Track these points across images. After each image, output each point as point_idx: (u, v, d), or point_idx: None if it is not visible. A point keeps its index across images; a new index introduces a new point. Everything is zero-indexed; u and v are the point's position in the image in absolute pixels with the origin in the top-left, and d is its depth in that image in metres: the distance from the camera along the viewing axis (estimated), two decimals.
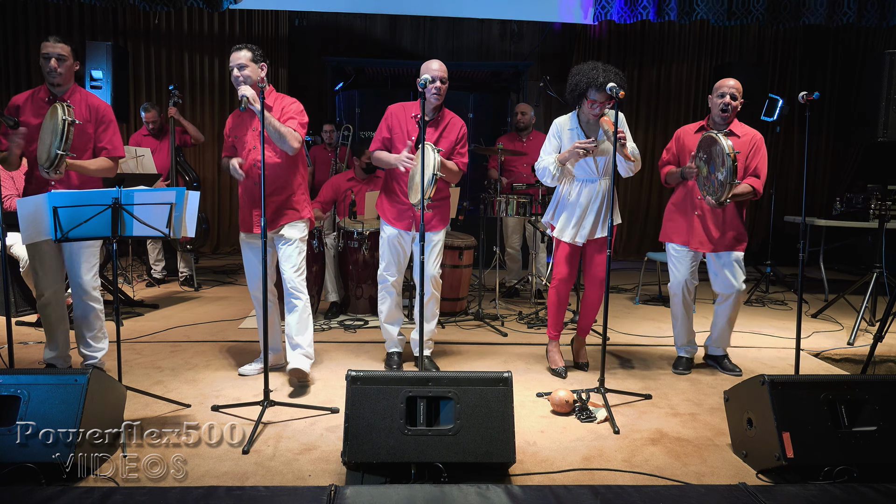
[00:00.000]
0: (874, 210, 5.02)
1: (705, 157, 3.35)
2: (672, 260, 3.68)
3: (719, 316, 3.67)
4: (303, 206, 3.36)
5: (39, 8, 7.20)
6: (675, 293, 3.67)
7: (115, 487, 2.21)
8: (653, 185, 8.15)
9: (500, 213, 4.87)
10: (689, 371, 3.71)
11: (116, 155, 3.31)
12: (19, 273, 4.36)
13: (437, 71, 3.34)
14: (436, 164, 3.21)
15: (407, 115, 3.48)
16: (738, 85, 3.46)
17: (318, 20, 8.13)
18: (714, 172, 3.29)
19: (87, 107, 3.21)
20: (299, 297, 3.31)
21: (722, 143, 3.20)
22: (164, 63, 7.67)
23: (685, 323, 3.70)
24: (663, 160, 3.75)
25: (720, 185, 3.24)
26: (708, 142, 3.32)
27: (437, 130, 3.46)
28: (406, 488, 2.13)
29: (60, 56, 3.11)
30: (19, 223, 2.71)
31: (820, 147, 8.25)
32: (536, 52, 8.24)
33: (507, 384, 2.42)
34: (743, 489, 2.18)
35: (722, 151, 3.19)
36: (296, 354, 3.31)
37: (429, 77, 3.02)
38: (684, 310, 3.67)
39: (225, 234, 8.05)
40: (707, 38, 8.04)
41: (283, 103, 3.28)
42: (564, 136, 3.48)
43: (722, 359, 3.75)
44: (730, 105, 3.43)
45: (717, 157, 3.24)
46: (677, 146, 3.67)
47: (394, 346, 3.71)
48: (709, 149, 3.32)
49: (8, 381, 2.36)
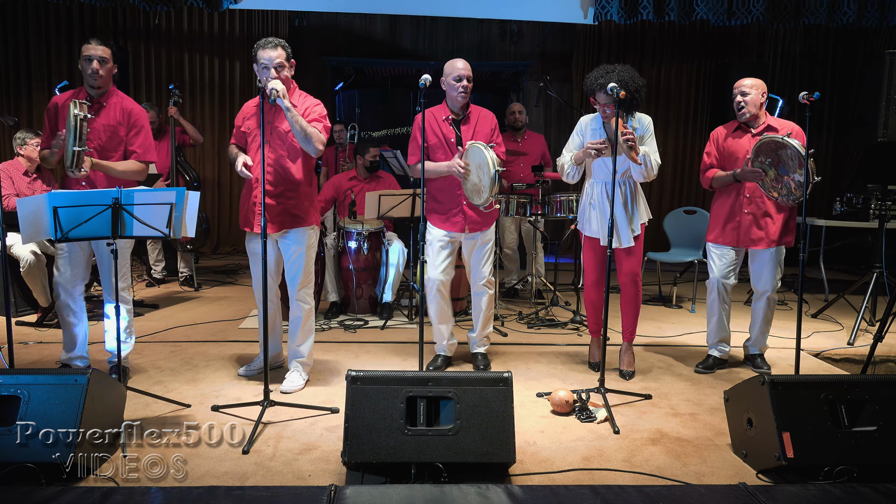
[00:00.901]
0: (874, 210, 5.02)
1: (770, 161, 3.35)
2: (712, 257, 3.70)
3: (756, 315, 3.73)
4: (310, 214, 3.28)
5: (39, 8, 7.20)
6: (711, 288, 3.70)
7: (115, 487, 2.21)
8: (652, 185, 8.14)
9: (501, 213, 4.86)
10: (711, 371, 3.70)
11: (146, 159, 3.32)
12: (19, 273, 4.36)
13: (462, 70, 3.35)
14: (494, 161, 3.20)
15: (438, 119, 3.46)
16: (754, 82, 3.47)
17: (317, 20, 8.13)
18: (789, 174, 3.29)
19: (121, 110, 3.22)
20: (302, 306, 3.30)
21: (793, 144, 3.20)
22: (164, 63, 7.66)
23: (720, 321, 3.70)
24: (705, 164, 3.72)
25: (798, 186, 3.25)
26: (773, 146, 3.31)
27: (471, 127, 3.46)
28: (406, 488, 2.13)
29: (102, 59, 3.15)
30: (19, 223, 2.71)
31: (820, 147, 8.24)
32: (536, 52, 8.24)
33: (507, 384, 2.42)
34: (743, 489, 2.18)
35: (797, 153, 3.19)
36: (290, 372, 3.34)
37: (429, 77, 3.00)
38: (719, 308, 3.68)
39: (225, 234, 8.05)
40: (707, 38, 8.04)
41: (307, 104, 3.21)
42: (587, 135, 3.50)
43: (756, 358, 3.79)
44: (741, 102, 3.46)
45: (791, 160, 3.25)
46: (718, 149, 3.66)
47: (441, 349, 3.69)
48: (775, 152, 3.31)
49: (8, 381, 2.36)
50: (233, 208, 8.04)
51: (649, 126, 3.43)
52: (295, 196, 3.21)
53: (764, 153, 3.37)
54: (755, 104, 3.47)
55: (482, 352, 3.73)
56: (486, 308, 3.65)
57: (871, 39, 7.64)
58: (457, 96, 3.36)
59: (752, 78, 3.51)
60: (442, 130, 3.44)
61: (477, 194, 3.32)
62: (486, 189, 3.24)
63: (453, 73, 3.32)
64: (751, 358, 3.84)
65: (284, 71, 3.09)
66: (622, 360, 3.69)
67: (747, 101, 3.46)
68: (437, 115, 3.48)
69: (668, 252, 5.65)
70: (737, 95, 3.49)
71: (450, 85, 3.37)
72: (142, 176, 3.32)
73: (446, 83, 3.38)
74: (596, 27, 7.13)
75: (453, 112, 3.45)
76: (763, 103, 3.51)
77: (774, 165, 3.35)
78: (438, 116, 3.47)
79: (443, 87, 3.21)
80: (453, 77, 3.34)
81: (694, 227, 5.54)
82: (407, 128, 7.37)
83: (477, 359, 3.71)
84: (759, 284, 3.68)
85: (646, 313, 5.18)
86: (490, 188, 3.21)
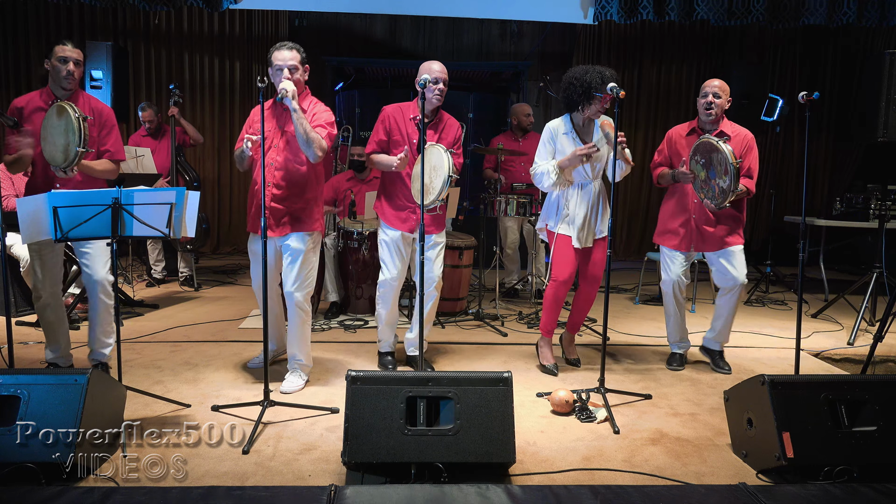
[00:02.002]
0: (874, 210, 5.03)
1: (703, 162, 3.36)
2: (664, 259, 3.74)
3: (720, 309, 3.70)
4: (313, 220, 3.28)
5: (39, 8, 7.20)
6: (666, 291, 3.74)
7: (115, 487, 2.21)
8: (652, 185, 8.11)
9: (500, 213, 4.87)
10: (682, 367, 3.75)
11: (118, 158, 3.33)
12: (19, 273, 4.36)
13: (438, 72, 3.33)
14: (451, 165, 3.19)
15: (405, 116, 3.45)
16: (722, 85, 3.49)
17: (317, 20, 8.13)
18: (714, 178, 3.30)
19: (90, 110, 3.21)
20: (300, 314, 3.28)
21: (724, 150, 3.21)
22: (163, 63, 7.66)
23: (678, 320, 3.76)
24: (655, 161, 3.79)
25: (721, 192, 3.26)
26: (707, 147, 3.33)
27: (437, 132, 3.45)
28: (406, 488, 2.13)
29: (77, 61, 3.15)
30: (19, 223, 2.71)
31: (820, 147, 8.24)
32: (536, 52, 8.24)
33: (507, 384, 2.42)
34: (743, 489, 2.18)
35: (725, 160, 3.20)
36: (290, 373, 3.35)
37: (429, 77, 3.01)
38: (676, 307, 3.73)
39: (225, 234, 8.04)
40: (707, 38, 8.04)
41: (316, 109, 3.22)
42: (560, 141, 3.49)
43: (716, 355, 3.77)
44: (713, 104, 3.47)
45: (719, 165, 3.25)
46: (669, 148, 3.71)
47: (388, 346, 3.70)
48: (708, 154, 3.33)
49: (8, 381, 2.36)
50: (233, 208, 8.04)
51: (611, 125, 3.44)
52: (300, 200, 3.22)
53: (700, 153, 3.40)
54: (722, 108, 3.49)
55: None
56: (430, 311, 3.58)
57: (871, 39, 7.65)
58: (431, 98, 3.32)
59: (720, 80, 3.52)
60: (407, 129, 3.43)
61: (425, 195, 3.25)
62: (434, 191, 3.21)
63: (430, 74, 3.19)
64: (710, 353, 3.80)
65: (297, 73, 3.10)
66: (569, 350, 3.83)
67: (717, 104, 3.46)
68: (405, 112, 3.46)
69: None
70: (708, 95, 3.49)
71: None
72: (114, 175, 3.31)
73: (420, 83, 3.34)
74: (596, 27, 7.14)
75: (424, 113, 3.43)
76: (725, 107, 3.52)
77: (706, 167, 3.36)
78: (406, 114, 3.45)
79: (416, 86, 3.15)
80: (430, 79, 3.29)
81: None
82: None
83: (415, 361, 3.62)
84: (717, 281, 3.68)
85: (645, 313, 5.19)
86: (439, 192, 3.18)
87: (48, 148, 3.04)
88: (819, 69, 8.13)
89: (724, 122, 3.58)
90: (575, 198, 3.50)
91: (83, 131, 2.95)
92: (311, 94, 3.31)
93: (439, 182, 3.20)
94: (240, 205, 8.03)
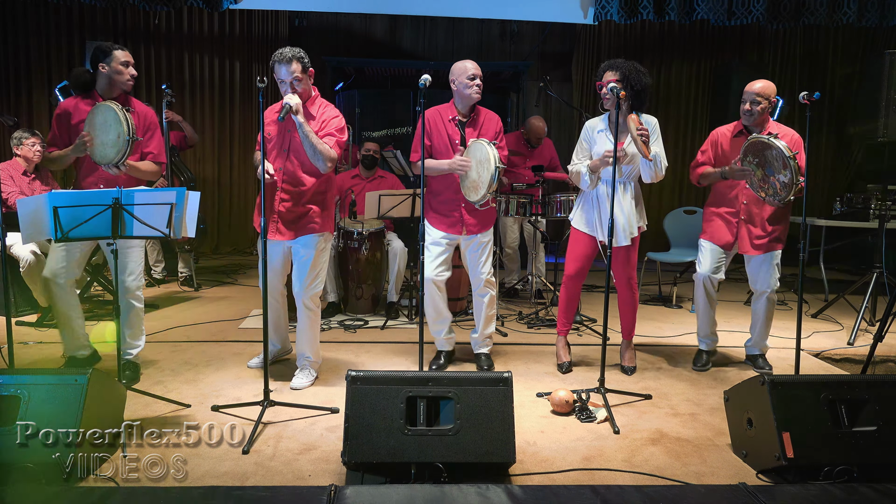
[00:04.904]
0: (874, 210, 5.03)
1: (757, 161, 3.35)
2: (702, 252, 3.74)
3: (755, 315, 3.76)
4: (323, 223, 3.29)
5: (39, 8, 7.20)
6: (698, 284, 3.75)
7: (115, 487, 2.22)
8: (653, 185, 8.10)
9: (501, 212, 4.86)
10: (707, 367, 3.76)
11: (161, 160, 3.35)
12: (19, 273, 4.35)
13: (474, 69, 3.35)
14: (496, 158, 3.19)
15: (444, 118, 3.44)
16: (763, 89, 3.44)
17: (317, 20, 8.13)
18: (774, 175, 3.29)
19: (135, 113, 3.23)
20: (308, 313, 3.31)
21: (778, 145, 3.21)
22: (163, 63, 7.66)
23: (707, 314, 3.77)
24: (697, 161, 3.75)
25: (784, 187, 3.25)
26: (759, 146, 3.32)
27: (476, 129, 3.46)
28: (406, 488, 2.13)
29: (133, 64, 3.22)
30: (19, 223, 2.71)
31: (820, 147, 8.24)
32: (536, 52, 8.24)
33: (507, 384, 2.42)
34: (743, 489, 2.18)
35: (781, 154, 3.20)
36: (299, 370, 3.37)
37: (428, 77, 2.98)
38: (707, 303, 3.74)
39: (225, 234, 8.03)
40: (707, 38, 8.04)
41: (326, 115, 3.21)
42: (595, 138, 3.51)
43: (757, 359, 3.81)
44: (750, 111, 3.46)
45: (776, 161, 3.25)
46: (713, 148, 3.69)
47: (442, 345, 3.71)
48: (761, 153, 3.32)
49: (8, 381, 2.36)
50: (232, 209, 8.03)
51: (656, 127, 3.43)
52: (309, 206, 3.23)
53: (752, 153, 3.38)
54: (764, 111, 3.47)
55: (485, 352, 3.73)
56: (487, 308, 3.65)
57: (871, 39, 7.65)
58: (472, 94, 3.35)
59: (764, 82, 3.47)
60: (447, 130, 3.43)
61: (474, 191, 3.31)
62: (483, 185, 3.23)
63: (466, 72, 3.31)
64: (752, 359, 3.86)
65: (302, 84, 3.10)
66: (623, 357, 3.76)
67: (756, 111, 3.45)
68: (443, 114, 3.46)
69: (668, 252, 5.65)
70: (746, 102, 3.47)
71: (463, 84, 3.35)
72: (157, 177, 3.35)
73: (459, 83, 3.36)
74: (596, 27, 7.14)
75: (461, 113, 3.45)
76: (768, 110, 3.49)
77: (761, 166, 3.36)
78: (445, 116, 3.45)
79: (452, 87, 3.22)
80: (467, 76, 3.33)
81: (694, 227, 5.53)
82: (407, 128, 7.36)
83: (480, 359, 3.70)
84: (756, 285, 3.71)
85: (645, 313, 5.18)
86: (488, 185, 3.20)
87: (97, 149, 3.06)
88: (819, 69, 8.13)
89: (770, 123, 3.55)
90: (601, 193, 3.48)
91: (129, 122, 2.99)
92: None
93: (487, 175, 3.21)
94: (240, 205, 8.03)
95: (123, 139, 2.99)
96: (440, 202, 3.50)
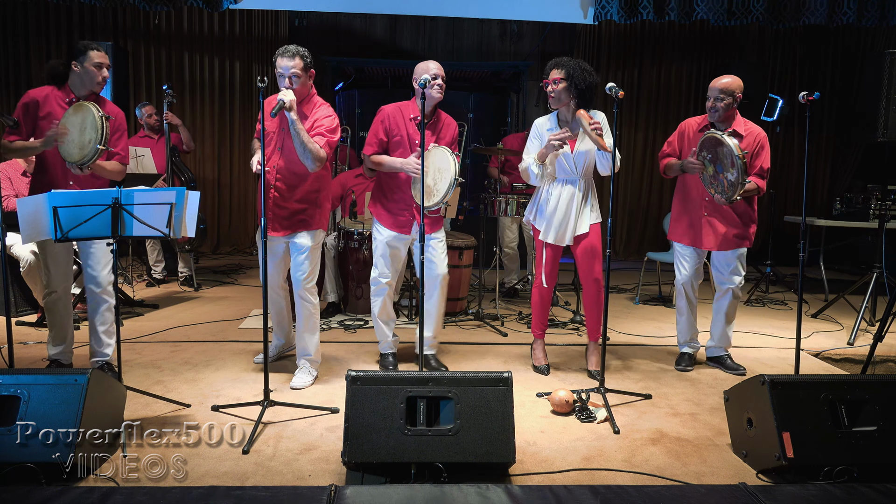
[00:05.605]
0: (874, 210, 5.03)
1: (710, 157, 3.35)
2: (678, 258, 3.73)
3: (718, 313, 3.71)
4: (318, 219, 3.31)
5: (39, 8, 7.20)
6: (679, 291, 3.73)
7: (115, 487, 2.21)
8: (653, 185, 8.15)
9: (500, 212, 4.87)
10: (691, 368, 3.73)
11: (125, 162, 3.37)
12: (19, 273, 4.35)
13: (435, 69, 3.33)
14: (456, 168, 3.20)
15: (405, 117, 3.44)
16: (727, 85, 3.43)
17: (317, 20, 8.13)
18: (723, 172, 3.29)
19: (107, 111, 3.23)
20: (305, 304, 3.33)
21: (729, 143, 3.20)
22: (163, 63, 7.66)
23: (689, 319, 3.75)
24: (663, 152, 3.77)
25: (731, 185, 3.26)
26: (713, 142, 3.32)
27: (435, 132, 3.46)
28: (406, 488, 2.13)
29: (109, 66, 3.22)
30: (19, 223, 2.71)
31: (820, 147, 8.24)
32: (536, 52, 8.24)
33: (507, 384, 2.42)
34: (743, 489, 2.18)
35: (731, 153, 3.19)
36: (299, 369, 3.38)
37: (428, 77, 3.02)
38: (689, 307, 3.73)
39: (225, 234, 8.04)
40: (707, 38, 8.04)
41: (318, 114, 3.21)
42: (545, 136, 3.48)
43: (724, 359, 3.76)
44: (714, 107, 3.46)
45: (726, 158, 3.25)
46: (679, 140, 3.69)
47: (387, 346, 3.68)
48: (714, 149, 3.32)
49: (8, 381, 2.36)
50: (232, 209, 8.04)
51: (605, 120, 3.39)
52: (304, 202, 3.26)
53: (706, 148, 3.39)
54: (729, 107, 3.46)
55: (433, 353, 3.67)
56: (438, 307, 3.57)
57: (871, 39, 7.65)
58: (433, 94, 3.32)
59: (730, 78, 3.47)
60: (408, 129, 3.43)
61: (428, 196, 3.26)
62: (439, 194, 3.23)
63: (428, 72, 3.26)
64: (718, 360, 3.78)
65: (299, 81, 3.10)
66: (589, 360, 3.64)
67: (719, 107, 3.45)
68: (404, 111, 3.45)
69: (668, 252, 5.64)
70: (709, 99, 3.49)
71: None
72: (121, 177, 3.34)
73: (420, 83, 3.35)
74: (596, 27, 7.14)
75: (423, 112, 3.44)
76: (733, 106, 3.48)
77: (713, 162, 3.36)
78: (406, 114, 3.44)
79: (414, 86, 3.19)
80: (429, 76, 3.27)
81: None
82: None
83: (429, 361, 3.62)
84: (721, 282, 3.67)
85: (645, 313, 5.19)
86: (444, 195, 3.21)
87: (66, 145, 3.05)
88: (819, 69, 8.13)
89: (738, 119, 3.54)
90: (556, 194, 3.46)
91: (105, 130, 2.99)
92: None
93: (444, 184, 3.21)
94: (239, 205, 8.03)
95: (93, 146, 2.99)
96: (391, 201, 3.49)
